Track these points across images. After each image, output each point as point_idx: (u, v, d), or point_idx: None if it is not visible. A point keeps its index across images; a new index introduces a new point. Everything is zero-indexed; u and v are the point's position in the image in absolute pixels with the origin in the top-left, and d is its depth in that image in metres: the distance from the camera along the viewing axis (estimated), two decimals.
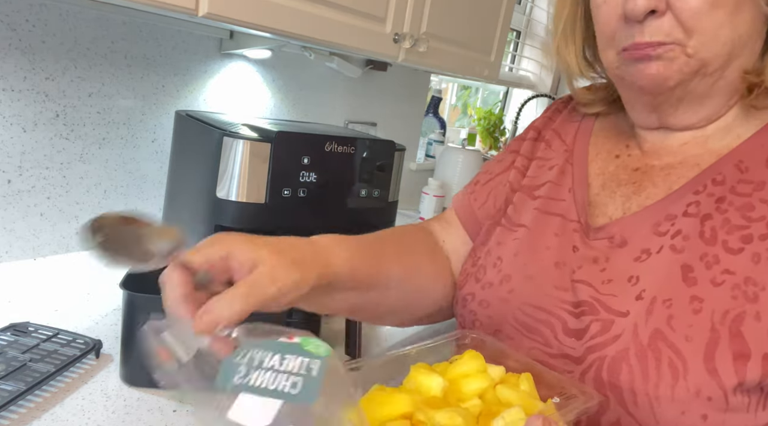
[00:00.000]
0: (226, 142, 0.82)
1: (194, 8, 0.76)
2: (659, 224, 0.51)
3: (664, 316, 0.48)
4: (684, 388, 0.45)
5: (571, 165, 0.62)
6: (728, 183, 0.50)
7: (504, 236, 0.62)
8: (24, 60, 0.90)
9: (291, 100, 1.39)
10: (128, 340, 0.68)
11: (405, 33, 1.12)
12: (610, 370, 0.48)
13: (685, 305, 0.47)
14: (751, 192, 0.48)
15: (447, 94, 2.49)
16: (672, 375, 0.46)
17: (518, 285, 0.58)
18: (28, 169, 0.95)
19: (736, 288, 0.46)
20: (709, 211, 0.49)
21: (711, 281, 0.47)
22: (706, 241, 0.48)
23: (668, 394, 0.46)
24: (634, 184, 0.56)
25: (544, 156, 0.65)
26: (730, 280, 0.46)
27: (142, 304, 0.67)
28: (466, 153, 1.89)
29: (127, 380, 0.70)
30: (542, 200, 0.61)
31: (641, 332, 0.48)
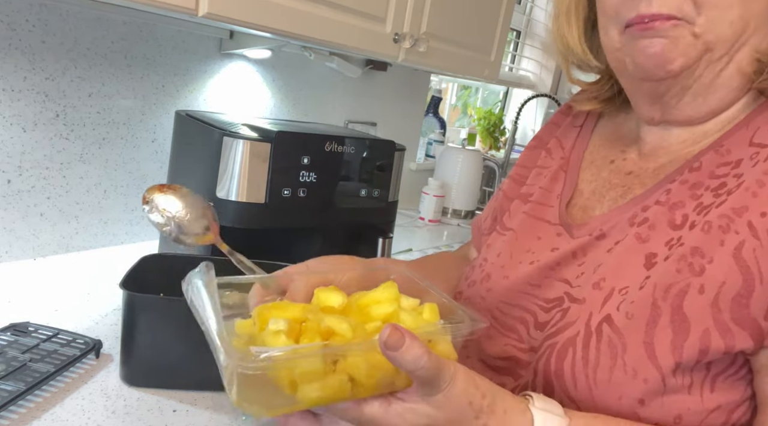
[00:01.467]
0: (226, 142, 0.82)
1: (194, 8, 0.76)
2: (635, 215, 0.51)
3: (617, 303, 0.47)
4: (621, 370, 0.44)
5: (564, 172, 0.62)
6: (705, 168, 0.48)
7: (494, 239, 0.64)
8: (24, 60, 0.90)
9: (291, 100, 1.39)
10: (128, 340, 0.68)
11: (405, 33, 1.12)
12: (558, 355, 0.48)
13: (637, 288, 0.46)
14: (728, 172, 0.46)
15: (447, 94, 2.49)
16: (611, 356, 0.45)
17: (495, 284, 0.59)
18: (28, 169, 0.95)
19: (681, 260, 0.44)
20: (681, 199, 0.48)
21: (665, 258, 0.46)
22: (674, 227, 0.47)
23: (606, 378, 0.44)
24: (623, 187, 0.56)
25: (544, 164, 0.65)
26: (678, 251, 0.44)
27: (142, 304, 0.67)
28: (466, 153, 1.89)
29: (127, 380, 0.70)
30: (532, 205, 0.62)
31: (593, 319, 0.47)
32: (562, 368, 0.48)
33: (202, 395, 0.70)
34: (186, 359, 0.70)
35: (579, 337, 0.47)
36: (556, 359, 0.48)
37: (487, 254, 0.63)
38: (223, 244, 0.54)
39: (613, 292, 0.48)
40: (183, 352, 0.70)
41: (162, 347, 0.69)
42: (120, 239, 1.13)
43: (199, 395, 0.70)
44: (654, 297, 0.44)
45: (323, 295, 0.45)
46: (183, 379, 0.71)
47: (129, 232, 1.14)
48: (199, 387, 0.71)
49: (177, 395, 0.69)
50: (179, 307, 0.69)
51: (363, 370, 0.37)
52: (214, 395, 0.71)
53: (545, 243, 0.58)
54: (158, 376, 0.70)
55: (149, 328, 0.68)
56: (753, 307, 0.40)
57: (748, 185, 0.43)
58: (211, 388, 0.71)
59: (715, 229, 0.43)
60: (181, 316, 0.68)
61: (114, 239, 1.11)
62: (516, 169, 0.71)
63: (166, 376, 0.70)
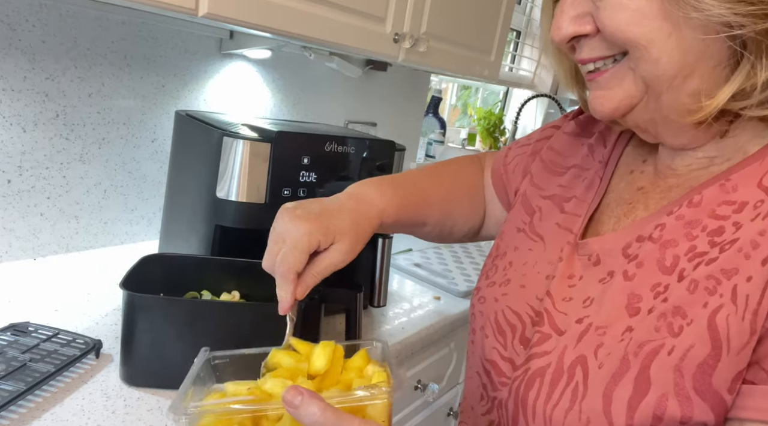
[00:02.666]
0: (226, 142, 0.82)
1: (194, 8, 0.76)
2: (629, 246, 0.48)
3: (593, 344, 0.45)
4: (576, 416, 0.43)
5: (600, 179, 0.58)
6: (706, 205, 0.44)
7: (522, 243, 0.61)
8: (24, 60, 0.90)
9: (291, 100, 1.39)
10: (128, 340, 0.68)
11: (405, 33, 1.12)
12: (527, 384, 0.48)
13: (617, 335, 0.44)
14: (729, 214, 0.42)
15: (447, 94, 2.49)
16: (571, 399, 0.44)
17: (511, 290, 0.58)
18: (28, 169, 0.95)
19: (662, 318, 0.42)
20: (674, 236, 0.44)
21: (648, 310, 0.43)
22: (664, 270, 0.44)
23: (560, 419, 0.44)
24: (629, 205, 0.53)
25: (584, 165, 0.60)
26: (661, 307, 0.42)
27: (141, 304, 0.67)
28: (466, 153, 1.89)
29: (127, 380, 0.70)
30: (566, 216, 0.58)
31: (567, 355, 0.46)
32: (527, 397, 0.48)
33: None
34: (186, 359, 0.70)
35: (549, 371, 0.47)
36: (525, 387, 0.48)
37: (513, 258, 0.61)
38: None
39: (590, 329, 0.46)
40: (183, 352, 0.69)
41: (162, 347, 0.69)
42: (120, 239, 1.13)
43: None
44: (626, 351, 0.42)
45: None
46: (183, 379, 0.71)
47: (129, 232, 1.14)
48: None
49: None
50: (179, 307, 0.69)
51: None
52: None
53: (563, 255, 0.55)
54: (158, 376, 0.70)
55: (149, 328, 0.68)
56: (716, 379, 0.38)
57: (741, 245, 0.39)
58: None
59: (701, 290, 0.40)
60: (181, 316, 0.68)
61: (114, 239, 1.12)
62: (549, 154, 0.64)
63: (166, 376, 0.70)
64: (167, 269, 0.78)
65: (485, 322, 0.59)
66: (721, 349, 0.38)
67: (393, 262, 1.35)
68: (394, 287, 1.23)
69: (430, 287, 1.26)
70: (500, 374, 0.54)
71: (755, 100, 0.40)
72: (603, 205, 0.56)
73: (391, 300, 1.14)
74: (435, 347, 1.14)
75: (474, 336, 0.61)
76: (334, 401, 0.43)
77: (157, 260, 0.78)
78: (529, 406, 0.47)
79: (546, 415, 0.45)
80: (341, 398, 0.45)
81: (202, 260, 0.83)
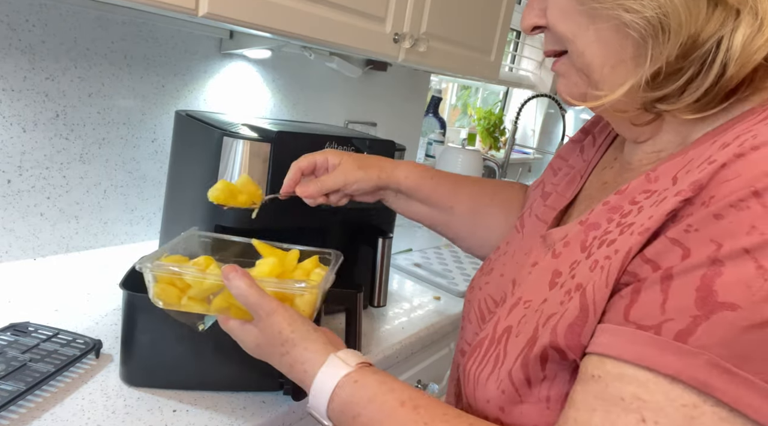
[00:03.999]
0: (226, 142, 0.82)
1: (194, 8, 0.76)
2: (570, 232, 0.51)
3: (519, 315, 0.49)
4: (494, 379, 0.47)
5: (581, 176, 0.61)
6: (629, 193, 0.46)
7: (512, 236, 0.65)
8: (24, 60, 0.90)
9: (291, 100, 1.39)
10: (128, 340, 0.68)
11: (405, 33, 1.12)
12: (470, 353, 0.52)
13: (536, 307, 0.48)
14: (642, 200, 0.44)
15: (447, 94, 2.49)
16: (494, 365, 0.48)
17: (493, 278, 0.61)
18: (28, 169, 0.95)
19: (567, 293, 0.45)
20: (598, 220, 0.47)
21: (561, 285, 0.47)
22: (582, 249, 0.47)
23: (483, 381, 0.48)
24: (590, 200, 0.56)
25: (573, 164, 0.64)
26: (569, 284, 0.45)
27: (142, 304, 0.67)
28: (466, 153, 1.89)
29: (127, 380, 0.70)
30: (545, 209, 0.62)
31: (499, 325, 0.50)
32: (467, 364, 0.51)
33: (202, 395, 0.70)
34: (186, 359, 0.70)
35: (486, 341, 0.51)
36: (468, 356, 0.52)
37: (502, 250, 0.64)
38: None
39: (519, 302, 0.50)
40: (183, 352, 0.70)
41: (162, 347, 0.69)
42: (120, 239, 1.13)
43: (199, 395, 0.70)
44: (537, 322, 0.46)
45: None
46: (183, 379, 0.71)
47: (129, 232, 1.14)
48: (199, 387, 0.71)
49: (177, 395, 0.69)
50: None
51: (220, 297, 0.57)
52: (214, 395, 0.71)
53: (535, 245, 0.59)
54: (158, 376, 0.70)
55: (149, 328, 0.68)
56: (584, 336, 0.41)
57: (634, 228, 0.41)
58: (211, 388, 0.72)
59: (598, 268, 0.43)
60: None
61: (114, 239, 1.12)
62: (555, 160, 0.69)
63: (166, 376, 0.70)
64: None
65: (470, 308, 0.62)
66: (588, 313, 0.41)
67: (393, 262, 1.35)
68: (394, 287, 1.23)
69: (430, 287, 1.26)
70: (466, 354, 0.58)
71: (668, 89, 0.43)
72: (576, 200, 0.60)
73: (391, 300, 1.14)
74: (435, 347, 1.14)
75: (462, 322, 0.65)
76: (264, 285, 0.55)
77: None
78: (467, 371, 0.51)
79: (474, 378, 0.49)
80: (273, 284, 0.56)
81: None
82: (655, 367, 0.36)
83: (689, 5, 0.40)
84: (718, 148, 0.40)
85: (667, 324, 0.36)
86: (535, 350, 0.44)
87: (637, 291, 0.39)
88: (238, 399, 0.71)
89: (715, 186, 0.37)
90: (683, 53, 0.41)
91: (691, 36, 0.40)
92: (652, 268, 0.38)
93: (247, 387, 0.73)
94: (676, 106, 0.43)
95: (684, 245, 0.37)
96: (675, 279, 0.37)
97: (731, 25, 0.40)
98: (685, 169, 0.42)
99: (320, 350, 0.52)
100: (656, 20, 0.41)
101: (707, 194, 0.37)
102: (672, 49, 0.41)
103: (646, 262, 0.39)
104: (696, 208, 0.37)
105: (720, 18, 0.40)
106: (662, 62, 0.41)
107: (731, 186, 0.36)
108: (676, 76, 0.42)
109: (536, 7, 0.50)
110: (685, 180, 0.40)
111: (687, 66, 0.41)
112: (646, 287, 0.38)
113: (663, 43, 0.41)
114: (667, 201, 0.39)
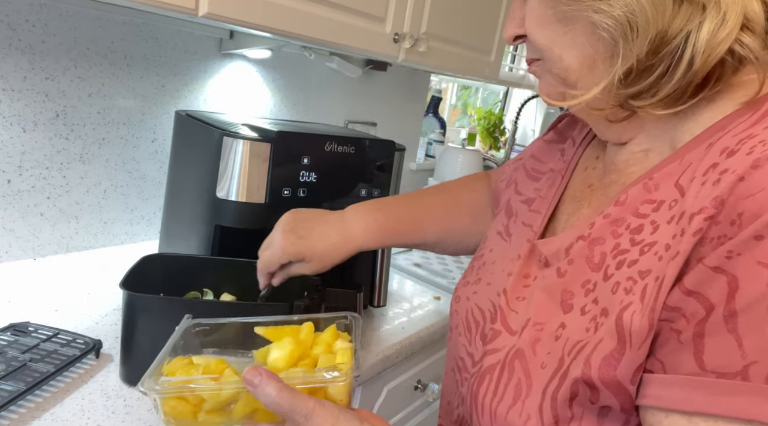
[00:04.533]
0: (226, 142, 0.82)
1: (194, 8, 0.76)
2: (571, 247, 0.49)
3: (531, 339, 0.47)
4: (517, 412, 0.45)
5: (562, 177, 0.61)
6: (630, 203, 0.45)
7: (496, 244, 0.64)
8: (24, 60, 0.90)
9: (291, 100, 1.39)
10: (128, 340, 0.68)
11: (405, 33, 1.12)
12: (479, 380, 0.50)
13: (552, 331, 0.46)
14: (649, 213, 0.43)
15: (447, 94, 2.49)
16: (514, 396, 0.46)
17: (481, 288, 0.60)
18: (28, 169, 0.95)
19: (593, 320, 0.43)
20: (602, 235, 0.46)
21: (581, 309, 0.45)
22: (593, 267, 0.45)
23: (503, 414, 0.46)
24: (578, 202, 0.55)
25: (555, 167, 0.63)
26: (594, 310, 0.44)
27: (141, 304, 0.67)
28: (466, 153, 1.89)
29: (127, 380, 0.70)
30: (530, 214, 0.61)
31: (510, 351, 0.49)
32: (478, 393, 0.50)
33: None
34: None
35: (498, 368, 0.49)
36: (477, 383, 0.50)
37: (487, 258, 0.63)
38: None
39: (528, 325, 0.48)
40: None
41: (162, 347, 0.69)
42: (120, 239, 1.13)
43: None
44: (563, 351, 0.44)
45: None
46: None
47: (129, 232, 1.14)
48: None
49: None
50: (179, 307, 0.69)
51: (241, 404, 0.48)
52: None
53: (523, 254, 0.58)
54: None
55: (149, 328, 0.68)
56: (620, 371, 0.40)
57: (658, 248, 0.41)
58: None
59: (621, 291, 0.42)
60: (181, 316, 0.68)
61: (114, 239, 1.12)
62: (530, 162, 0.68)
63: None
64: (167, 269, 0.78)
65: (459, 320, 0.61)
66: (625, 344, 0.39)
67: (393, 262, 1.35)
68: (394, 287, 1.23)
69: (430, 287, 1.26)
70: (465, 370, 0.57)
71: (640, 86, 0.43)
72: (561, 202, 0.59)
73: (391, 300, 1.14)
74: (435, 347, 1.14)
75: (451, 334, 0.63)
76: (293, 382, 0.47)
77: (157, 260, 0.78)
78: (479, 401, 0.49)
79: (491, 411, 0.47)
80: (301, 379, 0.48)
81: (202, 260, 0.83)
82: (757, 418, 0.33)
83: (655, 2, 0.40)
84: (719, 153, 0.39)
85: (753, 367, 0.34)
86: (564, 385, 0.42)
87: (699, 334, 0.36)
88: None
89: (739, 201, 0.35)
90: (653, 50, 0.41)
91: (659, 32, 0.40)
92: (700, 302, 0.36)
93: None
94: (649, 101, 0.43)
95: (728, 272, 0.35)
96: (740, 315, 0.34)
97: (698, 19, 0.40)
98: (688, 176, 0.42)
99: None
100: (624, 19, 0.41)
101: (733, 211, 0.35)
102: (641, 46, 0.41)
103: (689, 294, 0.37)
104: (725, 227, 0.36)
105: (687, 13, 0.40)
106: (633, 60, 0.42)
107: (758, 201, 0.34)
108: (647, 73, 0.42)
109: (516, 17, 0.51)
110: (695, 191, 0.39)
111: (657, 62, 0.42)
112: (710, 330, 0.36)
113: (632, 41, 0.41)
114: (694, 221, 0.37)
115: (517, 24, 0.51)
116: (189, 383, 0.48)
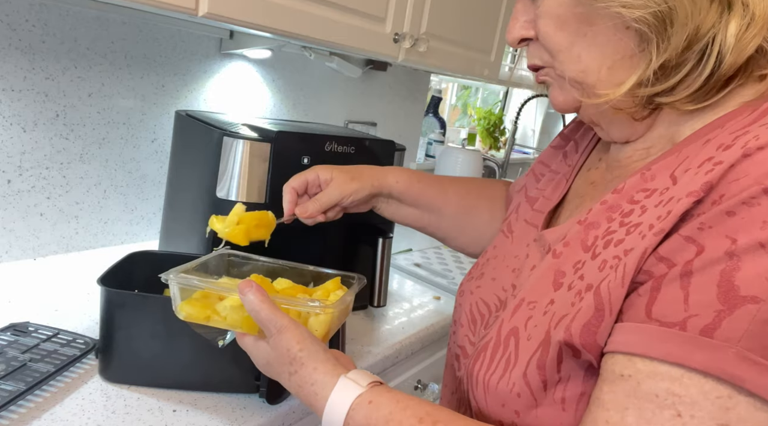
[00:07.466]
0: (226, 142, 0.82)
1: (194, 8, 0.76)
2: (569, 231, 0.51)
3: (524, 317, 0.49)
4: (506, 382, 0.47)
5: (566, 180, 0.62)
6: (626, 191, 0.47)
7: (500, 241, 0.65)
8: (24, 60, 0.90)
9: (291, 100, 1.39)
10: (106, 336, 0.68)
11: (405, 33, 1.12)
12: (475, 358, 0.52)
13: (542, 307, 0.48)
14: (641, 199, 0.45)
15: (447, 94, 2.49)
16: (504, 368, 0.48)
17: (485, 283, 0.62)
18: (28, 169, 0.95)
19: (577, 295, 0.45)
20: (597, 220, 0.48)
21: (569, 286, 0.47)
22: (585, 249, 0.47)
23: (494, 385, 0.48)
24: (581, 198, 0.57)
25: (557, 169, 0.65)
26: (579, 285, 0.46)
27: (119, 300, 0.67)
28: (466, 153, 1.89)
29: (106, 376, 0.69)
30: (534, 213, 0.63)
31: (504, 328, 0.51)
32: (473, 368, 0.51)
33: (202, 395, 0.70)
34: (163, 356, 0.70)
35: (491, 344, 0.51)
36: (473, 361, 0.52)
37: (491, 254, 0.65)
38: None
39: (522, 304, 0.50)
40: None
41: (138, 344, 0.69)
42: (120, 239, 1.13)
43: (199, 395, 0.70)
44: (549, 324, 0.46)
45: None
46: (183, 379, 0.71)
47: (129, 232, 1.14)
48: (199, 387, 0.71)
49: (177, 395, 0.69)
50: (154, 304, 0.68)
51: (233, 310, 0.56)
52: (214, 395, 0.71)
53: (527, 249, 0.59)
54: (136, 374, 0.69)
55: (126, 324, 0.67)
56: (599, 336, 0.42)
57: (642, 228, 0.42)
58: (211, 388, 0.71)
59: (607, 268, 0.44)
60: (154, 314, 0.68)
61: (114, 239, 1.12)
62: (538, 167, 0.70)
63: (144, 373, 0.69)
64: (154, 267, 0.77)
65: (462, 313, 0.63)
66: (603, 312, 0.42)
67: (393, 262, 1.35)
68: (394, 287, 1.23)
69: (430, 287, 1.26)
70: (465, 356, 0.58)
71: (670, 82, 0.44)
72: (564, 201, 0.61)
73: (391, 300, 1.14)
74: (435, 347, 1.14)
75: (453, 327, 0.65)
76: (278, 302, 0.54)
77: (144, 257, 0.78)
78: (474, 375, 0.51)
79: (484, 383, 0.49)
80: (285, 301, 0.56)
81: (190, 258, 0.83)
82: (686, 363, 0.36)
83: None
84: (715, 148, 0.41)
85: (691, 320, 0.36)
86: (551, 352, 0.44)
87: (656, 288, 0.39)
88: (238, 399, 0.71)
89: (725, 185, 0.38)
90: (688, 45, 0.42)
91: (696, 28, 0.42)
92: (667, 265, 0.39)
93: (228, 389, 0.73)
94: (678, 97, 0.44)
95: (698, 242, 0.38)
96: (695, 275, 0.37)
97: (725, 17, 0.41)
98: (683, 168, 0.43)
99: (330, 372, 0.50)
100: (663, 14, 0.42)
101: (717, 193, 0.38)
102: (679, 41, 0.42)
103: (660, 260, 0.40)
104: (707, 206, 0.38)
105: (717, 10, 0.41)
106: (670, 55, 0.42)
107: (740, 184, 0.37)
108: (678, 69, 0.43)
109: (522, 19, 0.50)
110: (688, 179, 0.41)
111: (688, 58, 0.43)
112: (665, 284, 0.39)
113: (671, 36, 0.42)
114: (681, 202, 0.40)
115: (523, 26, 0.50)
116: (200, 281, 0.57)
